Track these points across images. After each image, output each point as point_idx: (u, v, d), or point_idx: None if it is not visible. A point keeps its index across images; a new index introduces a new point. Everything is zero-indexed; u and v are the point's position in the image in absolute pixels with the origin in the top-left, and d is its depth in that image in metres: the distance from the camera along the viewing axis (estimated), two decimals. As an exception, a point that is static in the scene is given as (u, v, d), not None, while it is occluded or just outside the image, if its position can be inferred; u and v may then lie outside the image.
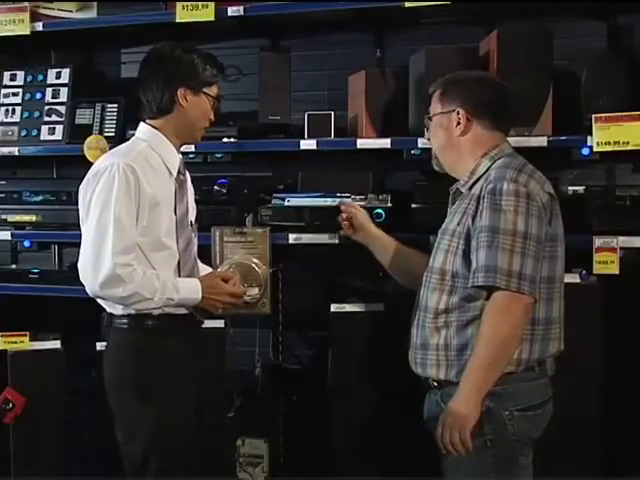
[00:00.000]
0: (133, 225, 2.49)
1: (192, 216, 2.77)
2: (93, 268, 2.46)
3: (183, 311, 2.63)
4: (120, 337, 2.61)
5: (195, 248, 2.76)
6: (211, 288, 2.65)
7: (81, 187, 2.59)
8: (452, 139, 2.48)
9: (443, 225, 2.50)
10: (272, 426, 3.51)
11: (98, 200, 2.48)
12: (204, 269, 2.85)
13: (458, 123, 2.45)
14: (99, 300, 2.62)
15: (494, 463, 2.31)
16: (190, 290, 2.59)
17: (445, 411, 2.31)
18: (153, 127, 2.64)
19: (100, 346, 3.27)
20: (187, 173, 2.77)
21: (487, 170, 2.41)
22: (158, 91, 2.61)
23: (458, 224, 2.39)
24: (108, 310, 2.63)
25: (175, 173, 2.65)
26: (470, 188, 2.43)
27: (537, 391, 2.37)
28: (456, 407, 2.28)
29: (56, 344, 3.31)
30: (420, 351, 2.46)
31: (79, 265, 2.53)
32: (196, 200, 2.89)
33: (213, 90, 2.68)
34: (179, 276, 2.62)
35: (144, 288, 2.48)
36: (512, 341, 2.26)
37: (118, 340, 2.62)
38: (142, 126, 2.67)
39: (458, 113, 2.45)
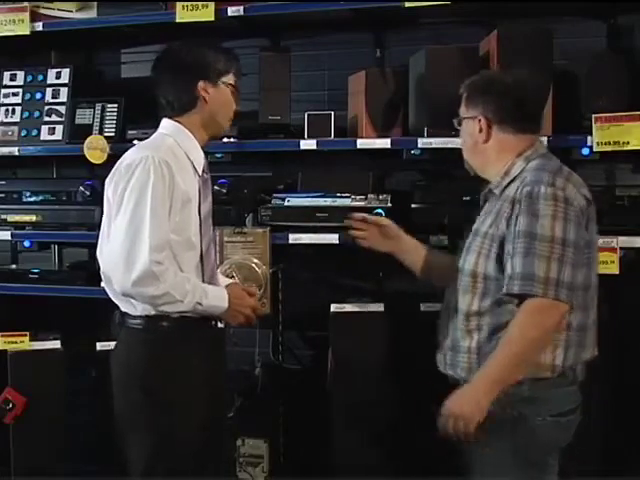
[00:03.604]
0: (167, 221, 2.43)
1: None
2: (126, 263, 2.36)
3: None
4: (133, 337, 2.54)
5: (215, 250, 2.72)
6: (237, 299, 2.59)
7: (109, 179, 2.52)
8: (477, 145, 2.44)
9: (474, 226, 2.45)
10: (272, 426, 3.51)
11: (132, 193, 2.40)
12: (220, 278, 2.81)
13: (481, 130, 2.41)
14: (114, 299, 2.56)
15: (524, 468, 2.28)
16: (218, 297, 2.53)
17: (451, 399, 2.26)
18: (177, 123, 2.59)
19: (100, 346, 3.29)
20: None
21: (522, 171, 2.36)
22: (178, 89, 2.57)
23: (490, 226, 2.35)
24: (123, 309, 2.55)
25: (200, 171, 2.59)
26: (504, 189, 2.38)
27: (569, 397, 2.34)
28: (464, 398, 2.23)
29: (56, 344, 3.32)
30: (450, 352, 2.42)
31: (108, 260, 2.46)
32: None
33: (230, 78, 2.63)
34: (202, 277, 2.56)
35: (176, 289, 2.41)
36: (540, 344, 2.22)
37: (131, 340, 2.55)
38: (165, 122, 2.61)
39: (480, 121, 2.41)
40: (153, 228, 2.38)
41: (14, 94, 3.77)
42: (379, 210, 3.14)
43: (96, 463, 3.28)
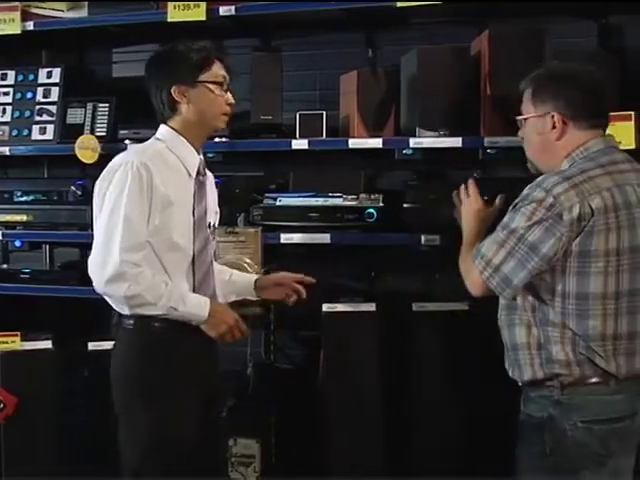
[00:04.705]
0: (143, 224, 2.45)
1: (212, 219, 2.71)
2: (101, 264, 2.43)
3: None
4: (127, 337, 2.57)
5: (212, 251, 2.69)
6: (220, 310, 2.58)
7: (97, 183, 2.56)
8: (548, 143, 2.31)
9: None
10: (264, 426, 3.50)
11: (110, 197, 2.46)
12: (221, 270, 2.81)
13: (554, 127, 2.28)
14: (107, 298, 2.56)
15: (553, 472, 2.23)
16: (197, 305, 2.52)
17: (468, 217, 2.52)
18: (171, 128, 2.60)
19: (92, 346, 3.28)
20: (209, 174, 2.71)
21: None
22: (157, 97, 2.59)
23: None
24: (116, 309, 2.57)
25: (194, 174, 2.60)
26: None
27: (608, 406, 2.23)
28: (468, 226, 2.51)
29: (47, 344, 3.30)
30: (506, 349, 2.40)
31: (89, 261, 2.50)
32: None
33: (210, 74, 2.59)
34: (193, 278, 2.57)
35: (149, 292, 2.44)
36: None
37: (125, 340, 2.58)
38: (161, 127, 2.63)
39: (553, 117, 2.27)
40: (127, 230, 2.42)
41: (5, 93, 3.77)
42: (371, 210, 3.14)
43: (88, 463, 3.26)
